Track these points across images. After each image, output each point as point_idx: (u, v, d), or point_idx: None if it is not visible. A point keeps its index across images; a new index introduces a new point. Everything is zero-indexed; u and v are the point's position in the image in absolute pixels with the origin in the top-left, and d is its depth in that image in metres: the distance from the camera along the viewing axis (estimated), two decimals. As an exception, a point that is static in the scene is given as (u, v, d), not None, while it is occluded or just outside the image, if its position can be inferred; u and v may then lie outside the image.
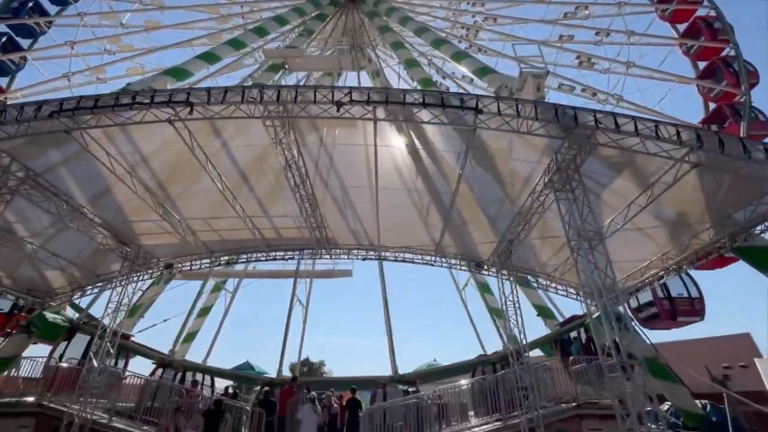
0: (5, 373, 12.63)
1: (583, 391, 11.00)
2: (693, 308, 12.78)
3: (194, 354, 21.34)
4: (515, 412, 10.91)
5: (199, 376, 15.79)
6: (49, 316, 13.64)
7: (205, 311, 23.52)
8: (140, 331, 17.79)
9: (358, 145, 9.91)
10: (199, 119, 8.02)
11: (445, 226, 12.66)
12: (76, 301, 16.51)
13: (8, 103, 17.02)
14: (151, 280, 18.89)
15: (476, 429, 11.31)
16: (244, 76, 18.82)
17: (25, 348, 13.38)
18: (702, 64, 19.46)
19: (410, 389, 13.51)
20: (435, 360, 19.49)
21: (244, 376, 18.12)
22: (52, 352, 14.80)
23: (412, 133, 9.80)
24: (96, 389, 10.94)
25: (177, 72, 16.42)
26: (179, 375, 15.07)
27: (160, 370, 15.52)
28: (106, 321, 11.84)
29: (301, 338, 22.12)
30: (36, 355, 13.61)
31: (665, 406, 14.01)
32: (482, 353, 18.32)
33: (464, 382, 13.15)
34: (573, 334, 15.20)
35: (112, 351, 11.79)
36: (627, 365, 6.58)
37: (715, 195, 8.70)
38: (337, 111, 7.70)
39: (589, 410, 10.62)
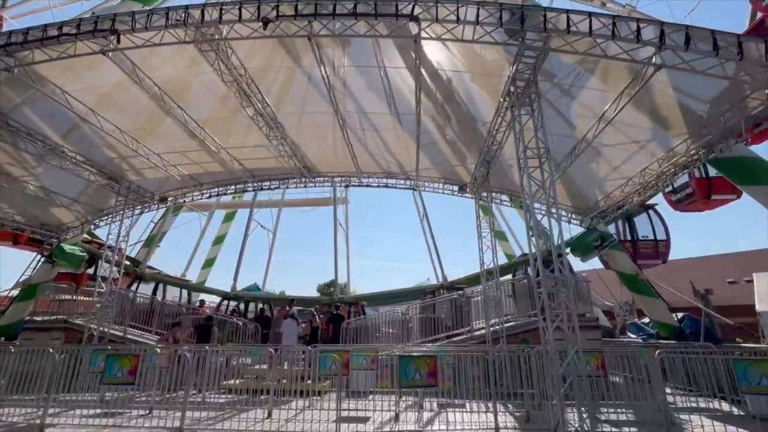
0: (38, 297, 14.53)
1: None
2: (656, 251, 12.47)
3: (213, 279, 23.97)
4: (482, 324, 11.59)
5: (204, 297, 17.61)
6: (67, 247, 15.05)
7: (219, 240, 25.23)
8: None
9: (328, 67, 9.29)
10: (130, 48, 7.76)
11: (419, 149, 12.29)
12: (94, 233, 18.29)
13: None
14: (160, 212, 20.28)
15: (446, 341, 12.21)
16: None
17: (51, 276, 15.12)
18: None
19: (352, 309, 14.93)
20: (428, 279, 20.48)
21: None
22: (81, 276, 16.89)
23: (377, 51, 9.06)
24: (108, 307, 12.57)
25: (143, -5, 15.44)
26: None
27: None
28: (110, 253, 13.21)
29: (267, 262, 23.97)
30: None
31: (645, 320, 14.39)
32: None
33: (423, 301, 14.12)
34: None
35: (118, 276, 13.23)
36: (548, 282, 6.65)
37: (691, 102, 7.78)
38: (264, 29, 7.17)
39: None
